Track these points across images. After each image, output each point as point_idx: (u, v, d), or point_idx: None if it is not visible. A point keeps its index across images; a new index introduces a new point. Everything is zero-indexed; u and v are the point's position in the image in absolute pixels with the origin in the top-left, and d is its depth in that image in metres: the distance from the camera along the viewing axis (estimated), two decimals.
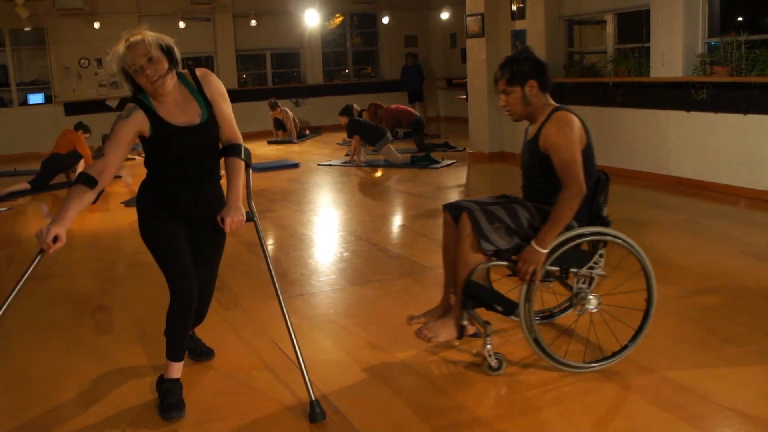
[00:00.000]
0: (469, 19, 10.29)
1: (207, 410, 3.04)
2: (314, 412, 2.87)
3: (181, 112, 2.93)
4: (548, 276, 3.23)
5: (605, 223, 3.30)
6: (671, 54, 7.62)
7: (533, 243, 3.08)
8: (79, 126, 10.03)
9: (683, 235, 5.65)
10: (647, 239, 5.52)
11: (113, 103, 14.36)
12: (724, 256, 4.92)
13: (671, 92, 7.61)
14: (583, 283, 3.25)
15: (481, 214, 3.16)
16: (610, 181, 3.32)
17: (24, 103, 14.07)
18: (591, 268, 3.22)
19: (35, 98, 14.14)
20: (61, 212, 2.71)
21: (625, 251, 3.25)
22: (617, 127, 8.30)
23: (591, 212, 3.27)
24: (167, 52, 2.86)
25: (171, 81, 2.88)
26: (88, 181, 2.75)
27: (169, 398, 2.98)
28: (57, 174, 9.67)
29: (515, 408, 2.93)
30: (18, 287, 2.63)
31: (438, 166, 9.84)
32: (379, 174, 9.78)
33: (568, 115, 3.20)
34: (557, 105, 3.30)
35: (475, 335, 3.50)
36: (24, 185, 9.23)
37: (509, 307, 3.22)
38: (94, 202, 2.70)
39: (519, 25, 9.90)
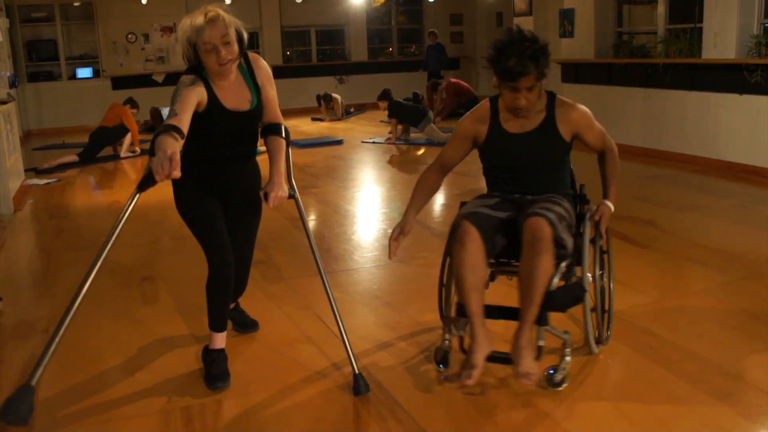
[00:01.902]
0: None
1: (251, 381, 3.07)
2: (358, 384, 2.88)
3: (234, 96, 2.94)
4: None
5: (586, 201, 3.22)
6: (724, 35, 7.43)
7: (608, 203, 3.08)
8: (128, 101, 10.19)
9: (732, 220, 5.54)
10: (695, 224, 5.42)
11: (159, 78, 14.50)
12: None
13: (723, 74, 7.43)
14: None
15: (554, 216, 2.83)
16: None
17: (73, 77, 14.26)
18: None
19: (84, 72, 14.32)
20: (164, 144, 2.50)
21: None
22: (666, 109, 8.14)
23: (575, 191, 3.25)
24: (239, 37, 2.84)
25: (236, 67, 2.91)
26: (176, 130, 2.60)
27: (215, 368, 3.02)
28: (104, 147, 9.85)
29: (563, 389, 2.91)
30: (116, 231, 2.58)
31: None
32: (422, 152, 9.75)
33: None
34: (546, 90, 3.09)
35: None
36: (72, 157, 9.40)
37: (580, 291, 2.94)
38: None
39: (567, 3, 9.75)
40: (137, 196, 2.59)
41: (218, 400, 2.91)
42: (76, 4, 13.82)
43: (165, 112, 12.67)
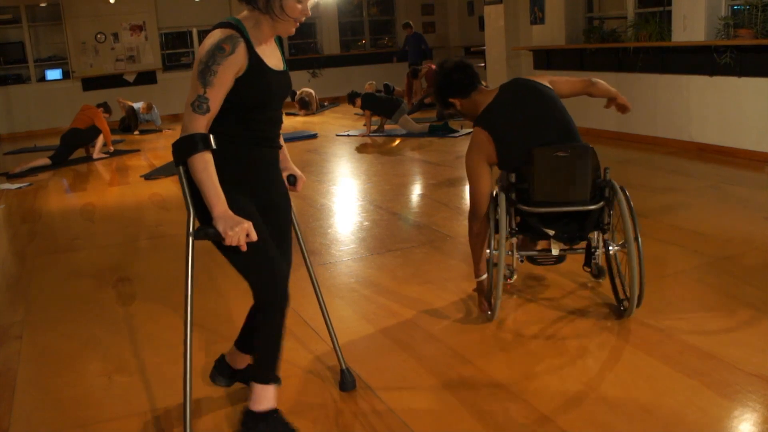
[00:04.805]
0: None
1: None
2: (345, 380, 2.87)
3: (272, 55, 2.45)
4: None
5: None
6: (693, 17, 7.48)
7: None
8: (102, 105, 10.13)
9: (706, 201, 5.58)
10: (669, 206, 5.46)
11: (131, 78, 14.37)
12: (748, 223, 4.86)
13: (693, 57, 7.48)
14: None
15: None
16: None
17: (42, 79, 14.10)
18: None
19: (53, 74, 14.17)
20: (217, 196, 2.23)
21: None
22: (638, 93, 8.18)
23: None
24: None
25: None
26: (207, 143, 2.22)
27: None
28: (76, 149, 9.76)
29: (537, 375, 2.92)
30: (189, 283, 2.40)
31: (457, 135, 9.78)
32: (397, 143, 9.74)
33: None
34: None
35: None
36: (44, 161, 9.30)
37: None
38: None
39: None
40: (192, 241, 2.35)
41: (197, 400, 2.89)
42: (42, 4, 13.64)
43: (137, 106, 12.55)
